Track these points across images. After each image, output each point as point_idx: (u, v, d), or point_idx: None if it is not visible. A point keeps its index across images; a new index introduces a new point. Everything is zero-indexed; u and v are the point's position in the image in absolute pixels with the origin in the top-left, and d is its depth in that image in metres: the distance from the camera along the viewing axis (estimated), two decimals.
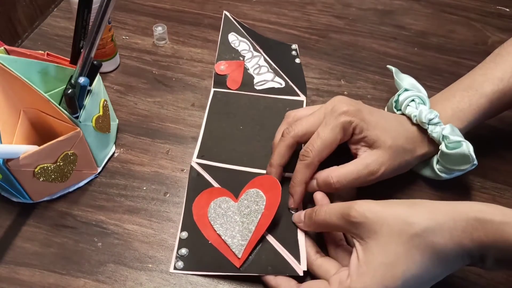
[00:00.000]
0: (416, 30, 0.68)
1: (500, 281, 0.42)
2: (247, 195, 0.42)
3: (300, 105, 0.54)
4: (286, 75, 0.57)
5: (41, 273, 0.40)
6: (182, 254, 0.41)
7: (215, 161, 0.48)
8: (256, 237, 0.40)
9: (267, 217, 0.40)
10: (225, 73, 0.56)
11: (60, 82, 0.44)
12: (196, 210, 0.43)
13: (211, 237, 0.41)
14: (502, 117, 0.56)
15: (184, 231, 0.42)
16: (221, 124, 0.52)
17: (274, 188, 0.41)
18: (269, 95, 0.55)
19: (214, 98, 0.54)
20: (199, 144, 0.50)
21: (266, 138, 0.49)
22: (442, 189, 0.48)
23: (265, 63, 0.57)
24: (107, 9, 0.39)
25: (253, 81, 0.56)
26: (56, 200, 0.45)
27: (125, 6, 0.67)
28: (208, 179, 0.46)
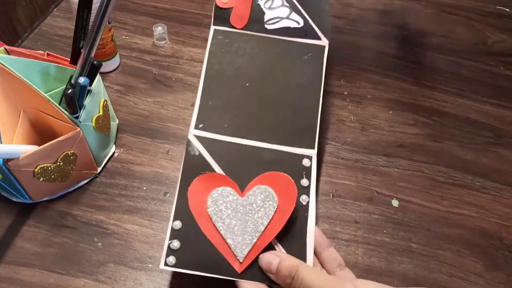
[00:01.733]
0: (416, 30, 0.68)
1: (500, 281, 0.42)
2: (256, 191, 0.37)
3: (322, 52, 0.45)
4: (306, 9, 0.46)
5: (41, 273, 0.40)
6: (175, 247, 0.36)
7: (216, 133, 0.41)
8: (263, 243, 0.35)
9: (278, 222, 0.35)
10: (229, 6, 0.46)
11: (60, 82, 0.44)
12: (192, 195, 0.37)
13: (209, 232, 0.36)
14: (502, 117, 0.56)
15: (178, 220, 0.36)
16: (223, 79, 0.43)
17: (289, 190, 0.36)
18: (283, 38, 0.45)
19: (215, 40, 0.45)
20: (197, 108, 0.42)
21: (276, 102, 0.42)
22: (442, 189, 0.48)
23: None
24: (107, 9, 0.39)
25: (263, 18, 0.46)
26: (56, 200, 0.45)
27: (125, 6, 0.67)
28: (208, 160, 0.39)
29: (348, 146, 0.51)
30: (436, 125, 0.55)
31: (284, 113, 0.42)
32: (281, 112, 0.42)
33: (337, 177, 0.48)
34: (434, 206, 0.47)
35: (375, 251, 0.43)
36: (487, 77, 0.61)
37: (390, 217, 0.46)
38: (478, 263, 0.43)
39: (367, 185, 0.48)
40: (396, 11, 0.70)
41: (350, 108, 0.56)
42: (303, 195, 0.38)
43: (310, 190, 0.39)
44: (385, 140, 0.52)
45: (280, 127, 0.41)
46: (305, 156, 0.40)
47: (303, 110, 0.42)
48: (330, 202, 0.46)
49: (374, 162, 0.50)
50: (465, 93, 0.59)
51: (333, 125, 0.54)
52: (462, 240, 0.44)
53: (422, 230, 0.45)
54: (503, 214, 0.47)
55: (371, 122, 0.54)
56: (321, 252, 0.38)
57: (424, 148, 0.52)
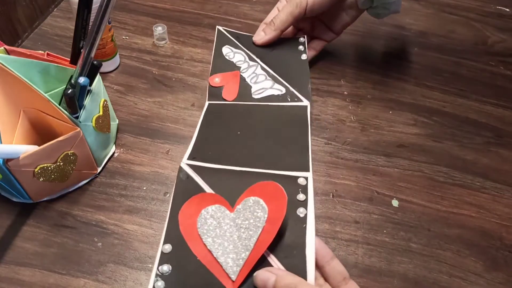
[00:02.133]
0: (416, 30, 0.68)
1: (500, 281, 0.42)
2: (245, 204, 0.36)
3: (304, 111, 0.49)
4: (288, 79, 0.53)
5: (41, 273, 0.40)
6: (164, 271, 0.34)
7: (209, 162, 0.42)
8: (255, 257, 0.33)
9: (269, 233, 0.33)
10: (220, 85, 0.53)
11: (60, 82, 0.44)
12: (184, 219, 0.37)
13: (200, 253, 0.35)
14: (502, 117, 0.56)
15: (168, 244, 0.36)
16: (217, 129, 0.47)
17: (279, 197, 0.34)
18: (268, 103, 0.50)
19: (208, 111, 0.50)
20: (191, 146, 0.44)
21: (267, 141, 0.44)
22: (442, 189, 0.48)
23: (263, 71, 0.54)
24: (107, 9, 0.39)
25: (250, 91, 0.52)
26: (56, 200, 0.45)
27: (125, 6, 0.67)
28: (199, 182, 0.40)
29: (348, 146, 0.51)
30: (436, 125, 0.55)
31: (276, 149, 0.44)
32: (273, 148, 0.44)
33: (337, 177, 0.48)
34: (434, 206, 0.47)
35: (375, 251, 0.43)
36: (487, 77, 0.61)
37: (390, 217, 0.46)
38: (478, 263, 0.43)
39: (367, 185, 0.48)
40: None
41: (350, 108, 0.56)
42: (300, 208, 0.37)
43: (307, 203, 0.38)
44: (385, 140, 0.52)
45: (273, 158, 0.42)
46: (300, 177, 0.40)
47: (294, 146, 0.45)
48: (330, 202, 0.46)
49: (374, 162, 0.50)
50: (465, 93, 0.59)
51: (333, 125, 0.54)
52: (462, 240, 0.44)
53: (422, 230, 0.45)
54: (503, 214, 0.47)
55: (371, 122, 0.54)
56: (324, 266, 0.35)
57: (424, 148, 0.52)
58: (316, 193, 0.47)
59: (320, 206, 0.46)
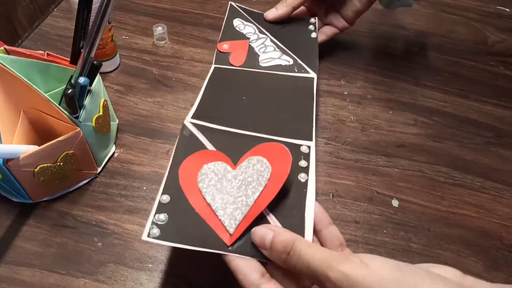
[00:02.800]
0: (416, 30, 0.68)
1: (500, 281, 0.42)
2: (249, 162, 0.36)
3: (310, 83, 0.48)
4: (296, 52, 0.53)
5: (41, 273, 0.40)
6: (160, 220, 0.33)
7: (213, 123, 0.41)
8: (254, 213, 0.33)
9: (271, 191, 0.33)
10: (228, 51, 0.53)
11: (60, 82, 0.44)
12: (184, 172, 0.36)
13: (198, 206, 0.34)
14: (502, 117, 0.56)
15: (166, 195, 0.35)
16: (221, 93, 0.46)
17: (283, 158, 0.34)
18: (275, 72, 0.50)
19: (215, 73, 0.49)
20: (195, 106, 0.43)
21: (272, 108, 0.44)
22: (442, 189, 0.48)
23: (271, 43, 0.54)
24: (107, 9, 0.39)
25: (258, 59, 0.52)
26: (56, 200, 0.45)
27: (125, 6, 0.67)
28: (202, 141, 0.39)
29: (348, 146, 0.51)
30: (436, 125, 0.55)
31: (280, 115, 0.44)
32: (278, 115, 0.44)
33: (337, 177, 0.49)
34: (434, 206, 0.47)
35: (375, 251, 0.43)
36: (487, 77, 0.61)
37: (390, 217, 0.46)
38: (478, 263, 0.43)
39: (367, 185, 0.48)
40: (396, 11, 0.70)
41: (350, 108, 0.56)
42: (301, 173, 0.37)
43: (309, 170, 0.38)
44: (385, 140, 0.52)
45: (278, 124, 0.42)
46: (303, 145, 0.40)
47: (298, 115, 0.44)
48: (330, 202, 0.46)
49: (374, 162, 0.50)
50: (465, 93, 0.59)
51: (333, 125, 0.54)
52: (462, 240, 0.44)
53: (422, 230, 0.45)
54: (503, 214, 0.47)
55: (371, 122, 0.54)
56: (322, 230, 0.34)
57: (424, 148, 0.52)
58: (316, 193, 0.47)
59: None
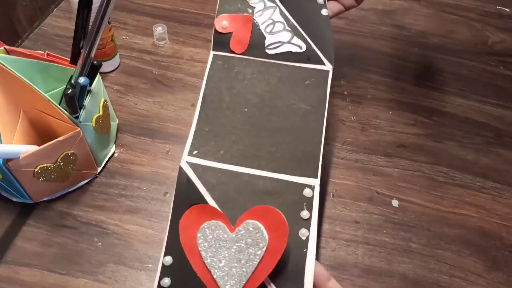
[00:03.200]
0: (416, 30, 0.68)
1: (500, 281, 0.42)
2: (246, 227, 0.35)
3: (325, 77, 0.43)
4: (309, 34, 0.45)
5: (41, 273, 0.40)
6: (165, 285, 0.34)
7: (210, 159, 0.39)
8: (254, 285, 0.33)
9: (269, 264, 0.33)
10: (228, 31, 0.44)
11: (60, 82, 0.44)
12: (184, 229, 0.35)
13: (200, 270, 0.34)
14: (502, 117, 0.56)
15: (168, 256, 0.35)
16: (221, 105, 0.41)
17: (280, 228, 0.33)
18: (284, 62, 0.44)
19: (214, 65, 0.44)
20: (192, 134, 0.40)
21: (276, 127, 0.40)
22: (442, 189, 0.48)
23: (281, 17, 0.45)
24: (107, 9, 0.38)
25: (264, 43, 0.44)
26: (56, 200, 0.45)
27: (125, 6, 0.67)
28: (200, 189, 0.38)
29: (348, 146, 0.51)
30: (436, 125, 0.55)
31: (285, 139, 0.40)
32: (281, 139, 0.40)
33: (337, 177, 0.48)
34: (434, 206, 0.47)
35: (375, 251, 0.43)
36: (487, 77, 0.61)
37: (390, 217, 0.46)
38: (478, 263, 0.43)
39: (367, 185, 0.48)
40: (396, 11, 0.70)
41: (350, 108, 0.56)
42: (302, 229, 0.35)
43: (311, 223, 0.36)
44: (385, 140, 0.52)
45: (280, 154, 0.39)
46: (307, 186, 0.38)
47: (305, 137, 0.40)
48: (330, 202, 0.46)
49: (374, 162, 0.50)
50: (465, 93, 0.59)
51: (333, 125, 0.54)
52: (462, 240, 0.44)
53: (422, 230, 0.45)
54: (503, 214, 0.47)
55: (371, 122, 0.54)
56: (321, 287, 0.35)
57: (424, 148, 0.52)
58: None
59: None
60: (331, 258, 0.42)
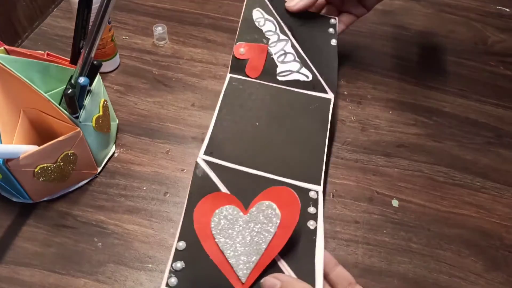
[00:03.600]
0: (416, 30, 0.68)
1: (500, 281, 0.42)
2: (259, 207, 0.36)
3: (327, 104, 0.47)
4: (315, 65, 0.50)
5: (41, 273, 0.40)
6: (177, 268, 0.35)
7: (224, 160, 0.42)
8: (266, 261, 0.34)
9: (281, 239, 0.34)
10: (245, 57, 0.49)
11: (60, 82, 0.44)
12: (198, 216, 0.37)
13: (213, 253, 0.35)
14: (502, 117, 0.56)
15: (182, 241, 0.36)
16: (234, 118, 0.45)
17: (292, 204, 0.35)
18: (293, 89, 0.48)
19: (230, 86, 0.48)
20: (208, 138, 0.43)
21: (284, 140, 0.44)
22: (442, 189, 0.48)
23: (292, 49, 0.50)
24: (107, 9, 0.38)
25: (276, 70, 0.49)
26: (56, 200, 0.45)
27: (125, 6, 0.67)
28: (215, 180, 0.40)
29: (348, 146, 0.51)
30: (436, 125, 0.55)
31: (291, 151, 0.43)
32: (288, 151, 0.43)
33: (337, 177, 0.49)
34: (434, 206, 0.47)
35: (375, 251, 0.43)
36: (487, 77, 0.61)
37: (390, 217, 0.46)
38: (478, 263, 0.43)
39: (367, 185, 0.48)
40: (396, 11, 0.70)
41: (350, 108, 0.56)
42: (310, 221, 0.38)
43: (318, 217, 0.38)
44: (385, 140, 0.52)
45: (287, 164, 0.42)
46: (312, 190, 0.40)
47: (309, 151, 0.44)
48: (330, 202, 0.46)
49: (374, 162, 0.50)
50: (465, 93, 0.59)
51: (333, 125, 0.54)
52: (462, 240, 0.44)
53: (422, 230, 0.45)
54: (503, 214, 0.47)
55: (371, 122, 0.54)
56: (329, 273, 0.36)
57: (424, 148, 0.52)
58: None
59: None
60: None
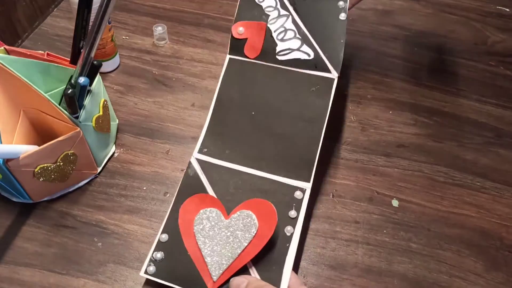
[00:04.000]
0: (416, 30, 0.68)
1: (500, 281, 0.42)
2: (240, 215, 0.39)
3: (330, 85, 0.45)
4: (320, 39, 0.47)
5: (41, 273, 0.40)
6: (157, 258, 0.38)
7: (217, 158, 0.43)
8: (238, 265, 0.37)
9: (255, 247, 0.37)
10: (244, 36, 0.48)
11: (60, 82, 0.44)
12: (183, 213, 0.40)
13: (191, 248, 0.38)
14: (501, 117, 0.56)
15: (165, 234, 0.39)
16: (231, 107, 0.46)
17: (270, 217, 0.37)
18: (293, 69, 0.47)
19: (229, 69, 0.47)
20: (204, 132, 0.45)
21: (279, 134, 0.44)
22: (442, 189, 0.48)
23: (293, 25, 0.48)
24: (107, 9, 0.39)
25: (275, 49, 0.47)
26: (56, 200, 0.45)
27: (125, 6, 0.67)
28: (204, 182, 0.42)
29: (348, 146, 0.51)
30: (436, 125, 0.55)
31: (285, 144, 0.43)
32: (282, 144, 0.43)
33: (337, 177, 0.49)
34: (434, 206, 0.47)
35: (375, 251, 0.43)
36: (487, 77, 0.61)
37: (390, 217, 0.46)
38: (478, 263, 0.43)
39: (367, 185, 0.48)
40: (396, 11, 0.70)
41: (350, 108, 0.56)
42: (288, 226, 0.39)
43: (297, 222, 0.39)
44: (385, 140, 0.52)
45: (279, 158, 0.43)
46: (298, 189, 0.41)
47: (303, 144, 0.43)
48: (330, 202, 0.46)
49: (374, 162, 0.50)
50: (465, 93, 0.59)
51: (333, 125, 0.54)
52: (462, 240, 0.44)
53: (422, 230, 0.45)
54: (503, 214, 0.47)
55: (371, 122, 0.54)
56: None
57: (424, 148, 0.52)
58: (316, 193, 0.47)
59: (320, 206, 0.46)
60: (331, 258, 0.42)
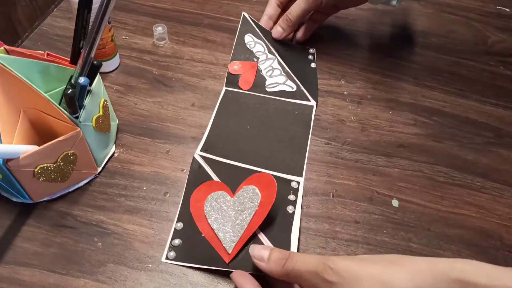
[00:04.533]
0: (416, 30, 0.68)
1: None
2: (243, 191, 0.42)
3: (310, 110, 0.54)
4: (299, 79, 0.57)
5: (41, 273, 0.40)
6: (175, 244, 0.42)
7: (218, 156, 0.49)
8: (248, 234, 0.40)
9: (260, 215, 0.40)
10: (238, 73, 0.57)
11: (60, 82, 0.44)
12: (194, 202, 0.44)
13: (205, 230, 0.42)
14: (502, 117, 0.56)
15: (180, 222, 0.43)
16: (228, 122, 0.52)
17: (270, 186, 0.41)
18: (279, 98, 0.55)
19: (225, 97, 0.55)
20: (204, 138, 0.50)
21: (271, 139, 0.50)
22: (442, 189, 0.48)
23: (279, 65, 0.58)
24: (107, 9, 0.39)
25: (265, 83, 0.56)
26: (56, 200, 0.45)
27: (125, 6, 0.67)
28: (208, 172, 0.47)
29: (348, 146, 0.51)
30: (436, 125, 0.55)
31: (278, 149, 0.50)
32: (275, 149, 0.50)
33: (337, 177, 0.49)
34: (434, 206, 0.47)
35: (375, 251, 0.43)
36: (487, 77, 0.61)
37: (390, 217, 0.46)
38: None
39: (367, 185, 0.48)
40: (396, 11, 0.70)
41: (350, 108, 0.56)
42: (289, 206, 0.43)
43: (296, 203, 0.44)
44: (385, 140, 0.52)
45: (274, 159, 0.49)
46: (294, 181, 0.46)
47: (293, 149, 0.50)
48: (330, 202, 0.46)
49: (374, 162, 0.50)
50: (465, 93, 0.59)
51: (333, 125, 0.54)
52: (462, 240, 0.44)
53: (422, 230, 0.45)
54: (503, 214, 0.47)
55: (371, 122, 0.54)
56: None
57: (424, 148, 0.52)
58: (316, 193, 0.47)
59: (320, 206, 0.46)
60: None
